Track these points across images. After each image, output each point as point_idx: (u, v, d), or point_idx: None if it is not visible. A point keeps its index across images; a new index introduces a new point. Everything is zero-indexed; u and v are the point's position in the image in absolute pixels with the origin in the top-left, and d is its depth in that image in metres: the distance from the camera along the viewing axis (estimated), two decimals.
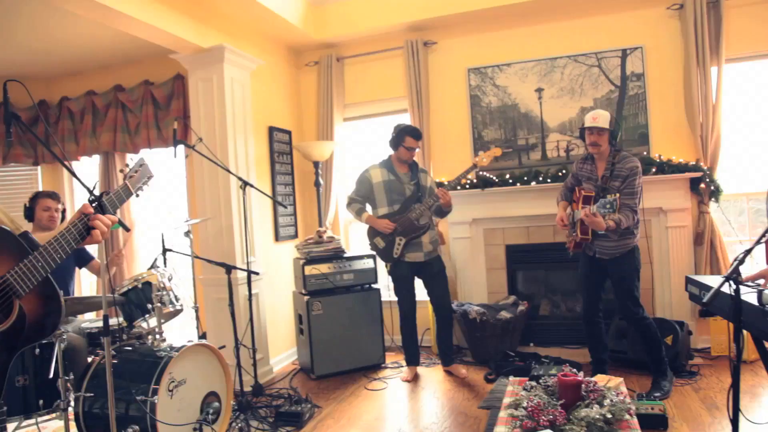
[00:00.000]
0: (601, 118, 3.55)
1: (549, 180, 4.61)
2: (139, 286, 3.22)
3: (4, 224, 1.51)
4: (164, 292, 3.16)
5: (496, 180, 4.76)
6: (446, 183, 4.81)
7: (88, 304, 3.18)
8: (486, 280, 4.97)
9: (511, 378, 3.17)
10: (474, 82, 4.99)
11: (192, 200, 5.13)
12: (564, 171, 4.59)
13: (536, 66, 4.82)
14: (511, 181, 4.73)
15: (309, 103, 5.53)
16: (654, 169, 4.35)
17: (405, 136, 4.19)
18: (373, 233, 4.24)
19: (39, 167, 5.74)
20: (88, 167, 5.70)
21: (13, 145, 5.49)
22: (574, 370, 2.56)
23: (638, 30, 4.58)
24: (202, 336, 4.12)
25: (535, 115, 4.85)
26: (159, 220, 5.69)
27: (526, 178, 4.69)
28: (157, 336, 3.12)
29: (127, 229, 2.54)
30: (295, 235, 5.22)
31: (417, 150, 4.27)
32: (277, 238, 4.91)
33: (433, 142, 5.07)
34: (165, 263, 3.71)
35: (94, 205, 1.57)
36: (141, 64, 5.31)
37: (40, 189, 5.69)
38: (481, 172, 4.78)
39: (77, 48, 4.90)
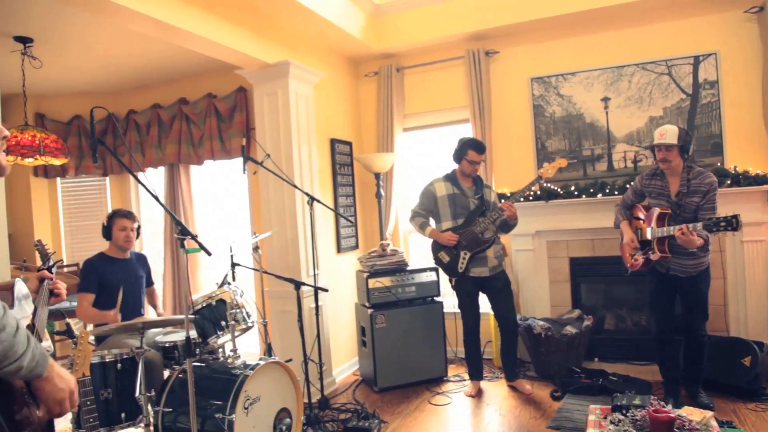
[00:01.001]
0: (669, 133, 3.43)
1: (616, 192, 4.48)
2: (213, 303, 3.28)
3: None
4: (238, 310, 3.21)
5: (561, 192, 4.66)
6: (509, 194, 4.75)
7: (163, 323, 3.25)
8: (549, 293, 4.88)
9: (592, 407, 3.08)
10: (537, 91, 4.90)
11: (255, 213, 5.22)
12: (632, 183, 4.45)
13: (602, 74, 4.70)
14: (576, 193, 4.62)
15: (368, 113, 5.54)
16: (729, 181, 4.18)
17: (468, 150, 4.15)
18: (437, 247, 4.22)
19: (107, 178, 5.94)
20: (154, 177, 5.86)
21: (84, 157, 5.69)
22: (662, 403, 2.47)
23: (712, 35, 4.40)
24: (268, 348, 4.17)
25: (601, 125, 4.72)
26: (223, 232, 5.81)
27: (591, 190, 4.57)
28: (231, 353, 3.18)
29: (209, 253, 2.60)
30: (356, 246, 5.25)
31: (480, 164, 4.22)
32: (339, 249, 4.94)
33: (495, 153, 5.00)
34: (233, 277, 3.78)
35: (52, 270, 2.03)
36: (204, 78, 5.43)
37: (109, 198, 5.89)
38: (545, 184, 4.69)
39: (143, 63, 5.05)
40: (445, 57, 5.15)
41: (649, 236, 3.57)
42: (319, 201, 3.83)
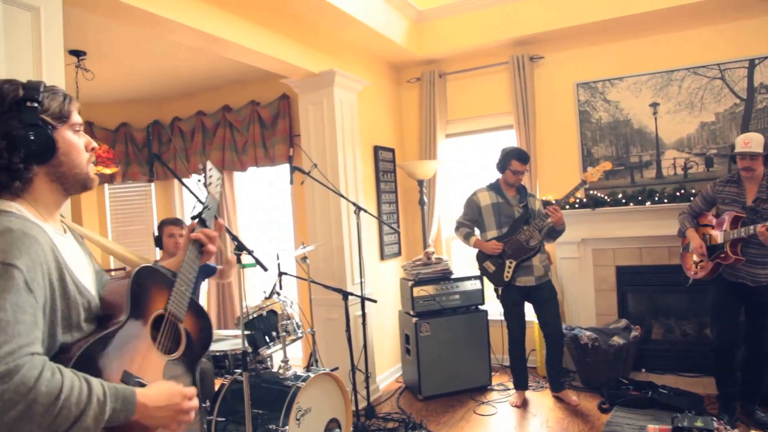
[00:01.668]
0: (754, 142, 3.34)
1: (665, 200, 4.38)
2: (264, 314, 3.32)
3: (137, 263, 1.56)
4: (288, 321, 3.24)
5: (608, 199, 4.59)
6: (554, 201, 4.69)
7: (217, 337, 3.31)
8: (594, 301, 4.80)
9: (650, 427, 3.02)
10: (583, 97, 4.83)
11: (299, 219, 5.26)
12: (683, 190, 4.35)
13: (651, 79, 4.60)
14: (623, 200, 4.54)
15: (410, 119, 5.53)
16: None
17: (511, 160, 4.12)
18: (482, 257, 4.19)
19: (153, 183, 6.06)
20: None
21: (131, 163, 5.81)
22: (728, 427, 2.41)
23: None
24: (312, 355, 4.20)
25: (650, 131, 4.63)
26: (266, 239, 5.87)
27: (639, 198, 4.48)
28: (282, 364, 3.22)
29: (265, 269, 2.63)
30: (399, 253, 5.25)
31: (524, 173, 4.18)
32: (382, 256, 4.95)
33: (539, 160, 4.94)
34: (281, 286, 3.81)
35: (196, 221, 1.60)
36: (248, 85, 5.49)
37: (154, 204, 6.01)
38: (591, 191, 4.62)
39: (188, 71, 5.13)
40: (488, 62, 5.11)
41: (720, 240, 3.47)
42: (365, 210, 3.84)
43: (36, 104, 1.19)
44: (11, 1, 2.20)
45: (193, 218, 1.55)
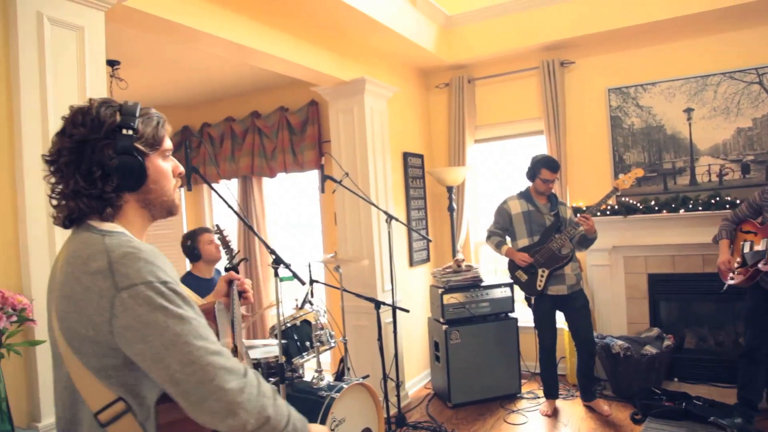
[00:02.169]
0: None
1: (700, 207, 4.31)
2: (298, 324, 3.34)
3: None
4: (322, 331, 3.26)
5: (640, 206, 4.53)
6: (585, 208, 4.64)
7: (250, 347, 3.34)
8: (625, 309, 4.75)
9: None
10: (615, 102, 4.77)
11: (328, 226, 5.28)
12: (718, 198, 4.28)
13: (685, 84, 4.53)
14: (656, 208, 4.48)
15: (439, 125, 5.52)
16: None
17: (541, 168, 4.09)
18: (514, 266, 4.17)
19: (182, 189, 6.13)
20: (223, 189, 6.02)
21: None
22: None
23: None
24: (341, 362, 4.21)
25: (684, 137, 4.55)
26: (295, 243, 5.91)
27: (673, 205, 4.42)
28: (316, 374, 3.24)
29: (302, 283, 2.65)
30: (427, 259, 5.25)
31: (554, 182, 4.14)
32: (411, 263, 4.95)
33: (569, 166, 4.89)
34: (312, 294, 3.83)
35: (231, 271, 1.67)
36: (276, 91, 5.52)
37: (184, 209, 6.08)
38: (623, 198, 4.57)
39: (217, 78, 5.17)
40: (518, 68, 5.07)
41: (763, 246, 3.41)
42: (397, 219, 3.84)
43: (132, 131, 1.17)
44: (58, 22, 2.24)
45: (228, 269, 1.62)
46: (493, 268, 5.60)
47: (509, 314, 4.60)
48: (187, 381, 1.01)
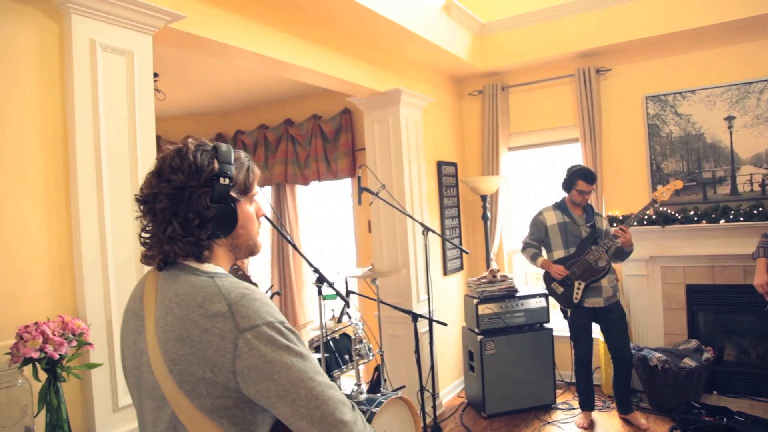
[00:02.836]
0: None
1: (741, 218, 4.23)
2: (337, 337, 3.37)
3: None
4: (361, 345, 3.28)
5: (678, 216, 4.46)
6: (621, 218, 4.59)
7: None
8: (663, 320, 4.68)
9: None
10: (652, 110, 4.69)
11: (360, 234, 5.30)
12: (760, 208, 4.19)
13: (726, 92, 4.43)
14: (695, 218, 4.40)
15: (472, 132, 5.50)
16: None
17: (577, 180, 4.05)
18: (549, 278, 4.14)
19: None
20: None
21: None
22: None
23: None
24: (376, 371, 4.23)
25: (724, 145, 4.47)
26: (328, 251, 5.94)
27: (713, 216, 4.34)
28: (356, 387, 3.26)
29: (346, 301, 2.67)
30: (461, 268, 5.24)
31: (591, 193, 4.10)
32: (445, 272, 4.95)
33: (605, 174, 4.84)
34: (348, 305, 3.84)
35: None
36: (309, 99, 5.55)
37: None
38: (660, 207, 4.50)
39: (251, 87, 5.23)
40: (552, 75, 5.02)
41: None
42: (433, 231, 3.85)
43: (228, 180, 1.18)
44: (109, 48, 2.29)
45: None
46: (523, 276, 5.56)
47: (544, 325, 4.57)
48: (312, 415, 1.06)
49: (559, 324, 4.61)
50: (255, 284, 1.93)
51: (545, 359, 4.51)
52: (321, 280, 2.56)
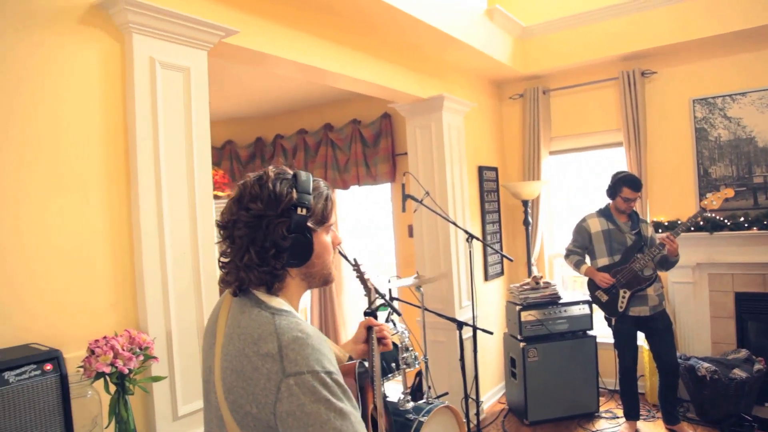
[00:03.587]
0: None
1: None
2: None
3: (339, 358, 1.53)
4: (408, 353, 3.29)
5: (728, 222, 4.35)
6: (666, 223, 4.51)
7: None
8: (710, 329, 4.58)
9: None
10: (700, 114, 4.59)
11: (400, 240, 5.31)
12: None
13: None
14: (745, 224, 4.29)
15: (512, 136, 5.46)
16: None
17: (623, 187, 3.98)
18: (594, 286, 4.09)
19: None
20: None
21: (236, 179, 6.07)
22: None
23: None
24: (417, 376, 4.23)
25: None
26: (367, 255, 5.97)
27: (765, 222, 4.22)
28: (402, 396, 3.28)
29: (399, 314, 2.68)
30: (501, 273, 5.21)
31: (636, 201, 4.03)
32: (486, 277, 4.93)
33: (650, 179, 4.75)
34: (393, 312, 3.86)
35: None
36: (349, 104, 5.58)
37: None
38: (708, 214, 4.40)
39: (291, 92, 5.26)
40: (595, 78, 4.95)
41: None
42: (477, 238, 3.83)
43: (305, 210, 1.19)
44: (168, 65, 2.35)
45: (367, 314, 1.59)
46: (561, 281, 5.49)
47: (587, 332, 4.52)
48: None
49: (602, 331, 4.55)
50: (371, 290, 1.90)
51: (588, 366, 4.46)
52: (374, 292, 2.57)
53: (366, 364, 1.45)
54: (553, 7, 4.92)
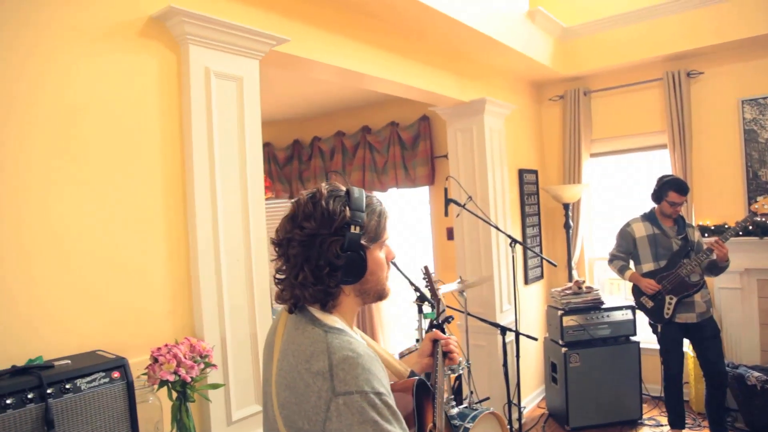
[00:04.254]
0: None
1: None
2: None
3: (399, 371, 1.52)
4: None
5: None
6: (713, 227, 4.41)
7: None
8: (759, 336, 4.46)
9: None
10: (749, 115, 4.47)
11: (439, 243, 5.30)
12: None
13: None
14: None
15: (552, 138, 5.40)
16: None
17: (669, 191, 3.89)
18: (639, 292, 4.01)
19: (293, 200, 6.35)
20: None
21: (274, 181, 6.13)
22: None
23: None
24: (457, 380, 4.22)
25: None
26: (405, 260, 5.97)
27: None
28: (446, 402, 3.27)
29: (448, 322, 2.67)
30: (541, 276, 5.17)
31: (682, 205, 3.94)
32: (526, 281, 4.89)
33: (695, 182, 4.64)
34: (446, 319, 3.84)
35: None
36: (387, 106, 5.58)
37: None
38: (758, 217, 4.28)
39: (328, 94, 5.28)
40: (638, 79, 4.86)
41: None
42: (520, 243, 3.80)
43: (359, 228, 1.19)
44: (222, 75, 2.38)
45: (433, 326, 1.57)
46: (600, 285, 5.40)
47: (630, 338, 4.45)
48: None
49: (646, 337, 4.47)
50: (439, 301, 1.87)
51: (631, 373, 4.40)
52: (422, 298, 2.58)
53: (428, 378, 1.44)
54: (594, 7, 4.84)
